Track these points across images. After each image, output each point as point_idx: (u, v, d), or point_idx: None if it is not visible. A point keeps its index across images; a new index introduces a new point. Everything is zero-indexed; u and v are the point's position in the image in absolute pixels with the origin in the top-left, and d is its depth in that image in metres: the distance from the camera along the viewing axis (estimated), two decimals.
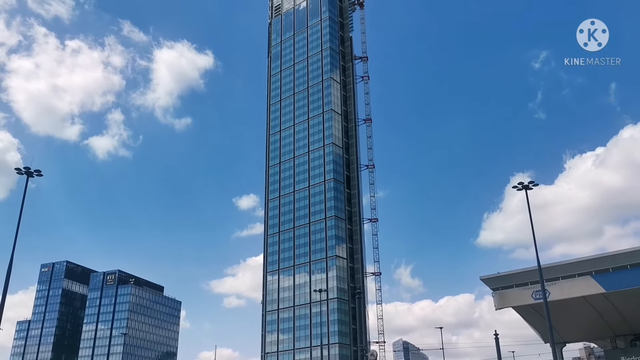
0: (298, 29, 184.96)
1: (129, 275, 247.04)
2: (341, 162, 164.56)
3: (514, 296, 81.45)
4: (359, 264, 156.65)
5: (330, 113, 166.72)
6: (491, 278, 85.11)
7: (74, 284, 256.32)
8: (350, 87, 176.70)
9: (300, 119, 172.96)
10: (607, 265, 74.48)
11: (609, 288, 72.21)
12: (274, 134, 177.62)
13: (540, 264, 56.71)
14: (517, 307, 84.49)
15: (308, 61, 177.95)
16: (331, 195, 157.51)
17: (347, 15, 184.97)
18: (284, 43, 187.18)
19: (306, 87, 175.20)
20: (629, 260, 73.12)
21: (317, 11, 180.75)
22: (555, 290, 73.95)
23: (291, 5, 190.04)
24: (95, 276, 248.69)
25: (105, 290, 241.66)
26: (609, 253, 78.17)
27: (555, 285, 74.69)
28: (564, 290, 74.72)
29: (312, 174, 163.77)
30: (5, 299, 47.87)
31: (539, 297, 72.16)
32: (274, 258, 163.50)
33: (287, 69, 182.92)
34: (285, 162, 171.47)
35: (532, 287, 76.63)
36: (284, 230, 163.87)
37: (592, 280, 73.45)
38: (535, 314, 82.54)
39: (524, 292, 78.73)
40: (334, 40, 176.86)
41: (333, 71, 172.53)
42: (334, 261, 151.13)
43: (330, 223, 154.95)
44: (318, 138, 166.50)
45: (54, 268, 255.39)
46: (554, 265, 78.96)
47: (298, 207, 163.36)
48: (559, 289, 74.73)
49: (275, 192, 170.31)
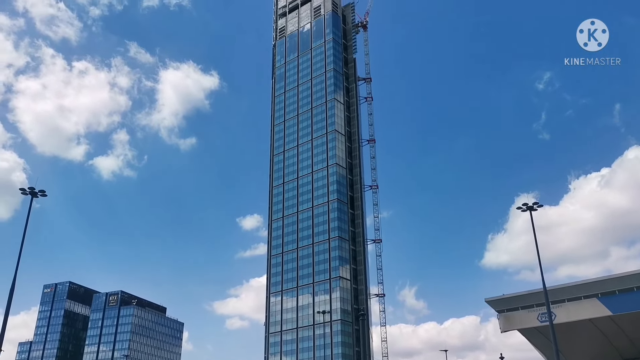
0: (302, 50, 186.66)
1: (132, 296, 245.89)
2: (345, 183, 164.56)
3: (520, 318, 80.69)
4: (362, 285, 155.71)
5: (334, 134, 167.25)
6: (496, 300, 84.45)
7: (76, 305, 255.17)
8: (354, 108, 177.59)
9: (304, 140, 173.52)
10: (614, 287, 73.79)
11: (616, 311, 71.45)
12: (278, 155, 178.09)
13: (546, 285, 56.25)
14: (523, 330, 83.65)
15: (312, 82, 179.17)
16: (335, 215, 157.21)
17: (350, 37, 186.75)
18: (288, 64, 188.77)
19: (310, 108, 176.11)
20: (636, 282, 72.43)
21: (321, 33, 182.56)
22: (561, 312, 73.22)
23: (295, 28, 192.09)
24: (98, 297, 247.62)
25: (107, 311, 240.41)
26: (615, 275, 77.56)
27: (561, 307, 73.97)
28: (570, 313, 73.98)
29: (316, 195, 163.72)
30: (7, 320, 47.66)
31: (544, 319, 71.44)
32: (277, 279, 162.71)
33: (291, 90, 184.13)
34: (288, 182, 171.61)
35: (538, 310, 75.94)
36: (288, 251, 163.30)
37: (598, 302, 72.74)
38: (541, 336, 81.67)
39: (530, 315, 78.01)
40: (338, 61, 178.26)
41: (337, 92, 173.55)
42: (337, 282, 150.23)
43: (333, 244, 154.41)
44: (322, 158, 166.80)
45: (57, 289, 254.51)
46: (559, 287, 78.30)
47: (302, 227, 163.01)
48: (565, 311, 74.00)
49: (278, 212, 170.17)
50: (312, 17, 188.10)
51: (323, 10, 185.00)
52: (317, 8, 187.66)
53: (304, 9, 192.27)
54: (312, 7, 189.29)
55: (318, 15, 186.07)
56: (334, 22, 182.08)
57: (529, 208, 58.34)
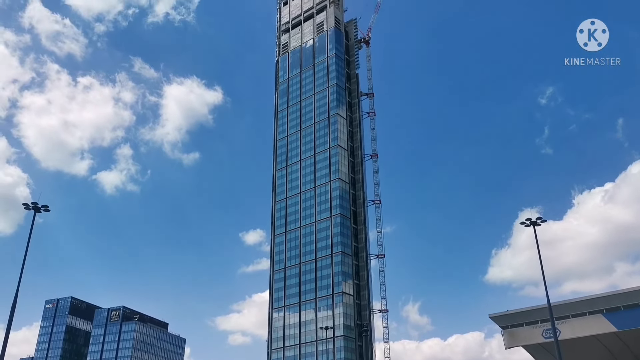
0: (305, 66, 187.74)
1: (133, 312, 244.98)
2: (348, 198, 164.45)
3: (524, 335, 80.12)
4: (365, 300, 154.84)
5: (337, 149, 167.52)
6: (500, 316, 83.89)
7: (78, 321, 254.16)
8: (357, 123, 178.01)
9: (307, 155, 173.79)
10: (619, 303, 73.23)
11: (621, 327, 70.94)
12: (281, 169, 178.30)
13: (550, 301, 55.90)
14: (527, 346, 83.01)
15: (315, 97, 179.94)
16: (338, 230, 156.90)
17: (353, 53, 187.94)
18: (291, 80, 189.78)
19: (313, 123, 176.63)
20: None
21: (324, 49, 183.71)
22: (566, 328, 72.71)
23: (298, 44, 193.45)
24: (100, 312, 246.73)
25: (109, 326, 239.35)
26: (620, 291, 76.98)
27: (565, 323, 73.48)
28: (575, 329, 73.45)
29: (319, 210, 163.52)
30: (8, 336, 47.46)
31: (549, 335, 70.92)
32: (279, 294, 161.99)
33: (294, 105, 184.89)
34: (291, 197, 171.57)
35: (543, 326, 75.41)
36: (290, 266, 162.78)
37: (603, 318, 72.25)
38: (546, 353, 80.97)
39: (534, 331, 77.47)
40: (341, 77, 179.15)
41: (339, 107, 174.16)
42: (340, 298, 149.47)
43: (336, 259, 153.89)
44: (324, 173, 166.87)
45: (59, 304, 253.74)
46: (564, 303, 77.75)
47: (304, 242, 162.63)
48: (569, 327, 73.49)
49: (281, 227, 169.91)
50: (315, 33, 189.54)
51: (326, 27, 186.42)
52: (320, 24, 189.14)
53: (307, 25, 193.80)
54: (315, 24, 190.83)
55: (321, 32, 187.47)
56: (336, 38, 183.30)
57: (532, 223, 58.24)
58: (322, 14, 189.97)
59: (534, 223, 58.06)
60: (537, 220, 58.19)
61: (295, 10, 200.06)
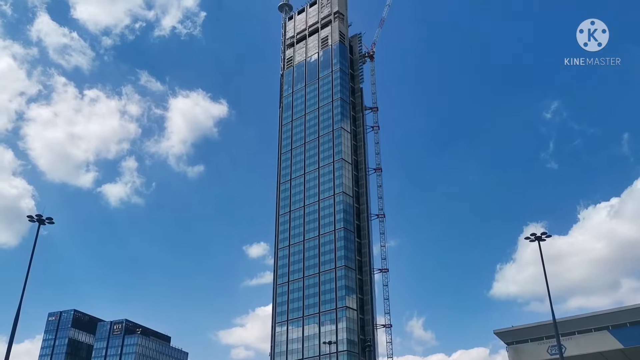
0: (309, 80, 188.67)
1: (136, 325, 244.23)
2: (351, 212, 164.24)
3: (529, 351, 79.54)
4: (369, 315, 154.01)
5: (341, 162, 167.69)
6: (505, 332, 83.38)
7: (80, 334, 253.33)
8: (361, 137, 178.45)
9: (311, 168, 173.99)
10: (625, 319, 72.73)
11: (627, 343, 70.41)
12: (285, 183, 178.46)
13: (556, 317, 55.51)
14: None
15: (319, 111, 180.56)
16: (341, 244, 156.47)
17: (357, 67, 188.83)
18: (296, 94, 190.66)
19: (317, 137, 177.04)
20: None
21: (329, 63, 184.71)
22: (571, 345, 72.16)
23: (303, 58, 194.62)
24: (102, 325, 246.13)
25: (111, 340, 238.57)
26: (626, 307, 76.47)
27: (571, 340, 72.95)
28: (581, 346, 72.92)
29: (323, 223, 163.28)
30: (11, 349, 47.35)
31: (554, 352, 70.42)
32: (283, 308, 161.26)
33: (298, 119, 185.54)
34: (295, 210, 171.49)
35: (548, 342, 74.90)
36: (293, 280, 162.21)
37: (609, 335, 71.75)
38: None
39: (539, 347, 76.94)
40: (345, 91, 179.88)
41: (344, 121, 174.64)
42: (344, 312, 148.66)
43: (340, 273, 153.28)
44: (328, 187, 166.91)
45: (61, 317, 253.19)
46: (569, 319, 77.29)
47: (308, 256, 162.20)
48: (575, 344, 72.95)
49: (285, 241, 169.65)
50: (319, 47, 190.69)
51: (330, 41, 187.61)
52: (324, 39, 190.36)
53: (312, 40, 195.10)
54: (320, 38, 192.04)
55: (325, 46, 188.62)
56: (341, 53, 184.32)
57: (537, 238, 57.99)
58: (327, 29, 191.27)
59: (539, 238, 57.82)
60: (542, 235, 57.96)
61: (300, 25, 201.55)
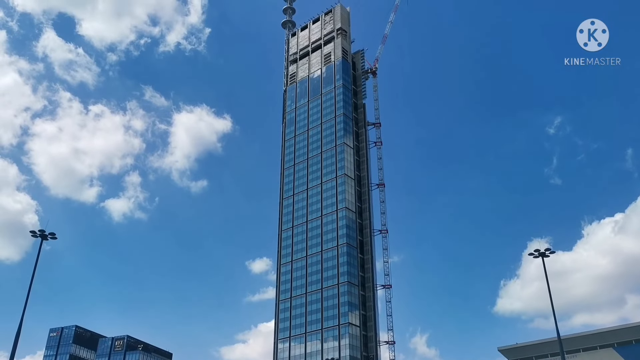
0: (312, 96, 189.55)
1: (138, 341, 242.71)
2: (354, 227, 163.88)
3: None
4: (372, 332, 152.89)
5: (344, 178, 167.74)
6: (509, 349, 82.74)
7: (81, 350, 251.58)
8: (364, 152, 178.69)
9: (314, 184, 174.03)
10: (630, 337, 72.03)
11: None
12: (287, 198, 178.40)
13: (560, 334, 55.07)
14: None
15: (322, 127, 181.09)
16: (344, 260, 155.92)
17: (360, 83, 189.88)
18: (299, 109, 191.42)
19: (320, 152, 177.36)
20: None
21: (331, 79, 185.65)
22: None
23: (306, 74, 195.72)
24: (104, 342, 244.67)
25: (113, 356, 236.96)
26: (631, 324, 75.76)
27: (576, 357, 72.34)
28: None
29: (325, 239, 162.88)
30: None
31: None
32: (285, 325, 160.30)
33: (301, 134, 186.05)
34: (297, 226, 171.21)
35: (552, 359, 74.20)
36: (296, 296, 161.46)
37: (614, 352, 71.09)
38: None
39: None
40: (347, 107, 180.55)
41: (346, 136, 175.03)
42: (346, 329, 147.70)
43: (343, 289, 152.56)
44: (331, 202, 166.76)
45: (63, 333, 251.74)
46: (574, 336, 76.59)
47: (310, 272, 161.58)
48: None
49: (287, 256, 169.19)
50: (322, 63, 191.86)
51: (333, 57, 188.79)
52: (327, 55, 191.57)
53: (315, 56, 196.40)
54: (323, 54, 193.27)
55: (328, 62, 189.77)
56: (344, 69, 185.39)
57: (540, 254, 57.77)
58: (330, 45, 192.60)
59: (543, 254, 57.60)
60: (545, 251, 57.73)
61: (304, 41, 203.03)
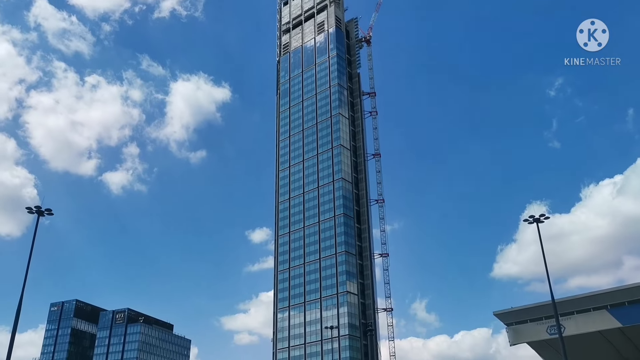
0: (306, 66, 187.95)
1: (139, 314, 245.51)
2: (351, 197, 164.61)
3: (528, 331, 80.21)
4: (370, 299, 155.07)
5: (339, 148, 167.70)
6: (505, 313, 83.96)
7: (83, 323, 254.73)
8: (359, 123, 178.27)
9: (310, 155, 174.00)
10: (623, 298, 73.20)
11: (626, 322, 70.99)
12: (283, 170, 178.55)
13: (555, 298, 55.95)
14: (532, 343, 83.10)
15: (316, 97, 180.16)
16: (341, 230, 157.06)
17: (354, 52, 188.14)
18: (293, 80, 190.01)
19: (315, 123, 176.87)
20: None
21: (325, 49, 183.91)
22: (570, 325, 72.78)
23: (299, 44, 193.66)
24: (104, 315, 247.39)
25: (114, 329, 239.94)
26: (625, 286, 76.94)
27: (570, 319, 73.55)
28: (580, 325, 73.51)
29: (322, 210, 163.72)
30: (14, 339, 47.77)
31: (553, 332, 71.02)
32: (284, 294, 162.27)
33: (295, 105, 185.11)
34: (294, 197, 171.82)
35: (547, 322, 75.48)
36: (294, 267, 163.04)
37: (608, 314, 72.32)
38: (551, 349, 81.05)
39: (539, 327, 77.55)
40: (342, 76, 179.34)
41: (341, 107, 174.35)
42: (345, 297, 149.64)
43: (340, 258, 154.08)
44: (327, 173, 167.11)
45: (64, 307, 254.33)
46: (568, 299, 77.79)
47: (308, 242, 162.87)
48: (574, 323, 73.55)
49: (285, 227, 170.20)
50: (315, 33, 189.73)
51: (327, 26, 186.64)
52: (320, 24, 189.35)
53: (308, 25, 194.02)
54: (316, 23, 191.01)
55: (322, 31, 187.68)
56: (337, 38, 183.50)
57: (535, 220, 58.16)
58: (323, 14, 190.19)
59: (537, 220, 58.01)
60: (540, 217, 58.13)
61: (296, 10, 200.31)
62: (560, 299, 69.74)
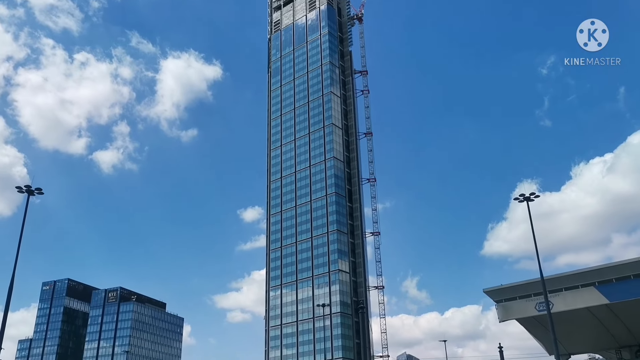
0: (298, 44, 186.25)
1: (131, 292, 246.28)
2: (342, 176, 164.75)
3: (517, 308, 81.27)
4: (361, 277, 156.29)
5: (331, 127, 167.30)
6: (494, 290, 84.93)
7: (75, 302, 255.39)
8: (351, 101, 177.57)
9: (301, 134, 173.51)
10: (611, 275, 74.25)
11: (613, 299, 72.08)
12: (275, 149, 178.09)
13: (544, 275, 56.59)
14: (521, 319, 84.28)
15: (308, 76, 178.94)
16: (333, 209, 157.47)
17: (346, 30, 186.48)
18: (284, 58, 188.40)
19: (306, 102, 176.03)
20: (633, 270, 72.90)
21: (317, 26, 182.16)
22: (558, 301, 73.77)
23: (290, 21, 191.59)
24: (97, 294, 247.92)
25: (107, 307, 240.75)
26: (613, 263, 78.03)
27: (558, 296, 74.52)
28: (568, 302, 74.54)
29: (314, 188, 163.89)
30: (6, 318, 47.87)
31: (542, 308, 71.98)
32: (276, 273, 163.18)
33: (287, 84, 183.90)
34: (286, 176, 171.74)
35: (536, 299, 76.46)
36: (286, 245, 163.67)
37: (595, 291, 73.35)
38: (539, 325, 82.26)
39: (527, 304, 78.58)
40: (334, 54, 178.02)
41: (333, 85, 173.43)
42: (336, 275, 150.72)
43: (332, 237, 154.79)
44: (319, 152, 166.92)
45: (56, 286, 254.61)
46: (557, 276, 78.75)
47: (300, 221, 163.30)
48: (562, 300, 74.57)
49: (277, 206, 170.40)
50: (307, 10, 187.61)
51: (318, 3, 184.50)
52: (312, 1, 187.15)
53: (299, 2, 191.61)
54: (307, 0, 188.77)
55: (313, 8, 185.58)
56: (329, 15, 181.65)
57: (526, 199, 58.51)
58: None
59: (527, 199, 58.37)
60: (530, 195, 58.49)
61: None
62: (549, 277, 70.59)
